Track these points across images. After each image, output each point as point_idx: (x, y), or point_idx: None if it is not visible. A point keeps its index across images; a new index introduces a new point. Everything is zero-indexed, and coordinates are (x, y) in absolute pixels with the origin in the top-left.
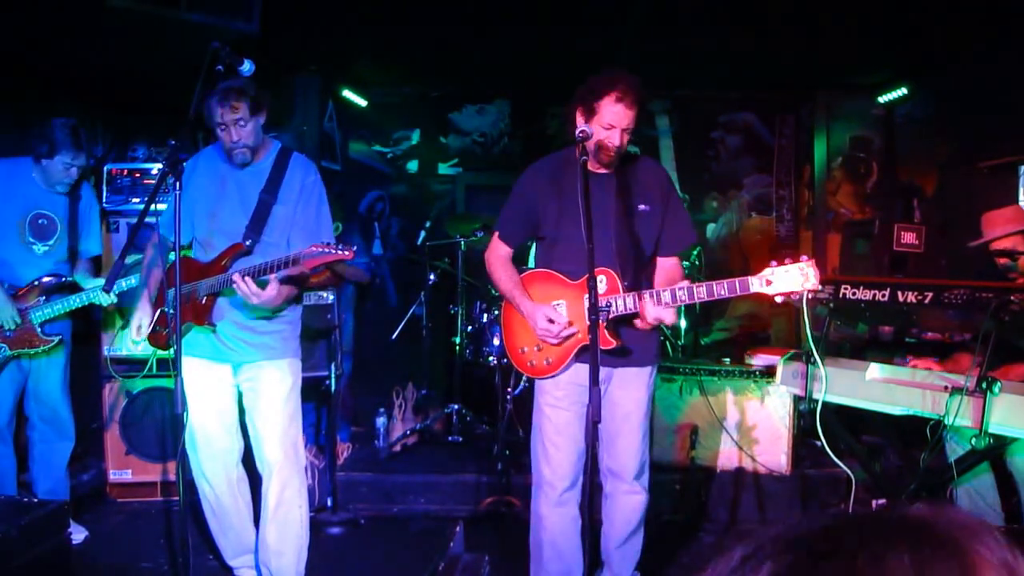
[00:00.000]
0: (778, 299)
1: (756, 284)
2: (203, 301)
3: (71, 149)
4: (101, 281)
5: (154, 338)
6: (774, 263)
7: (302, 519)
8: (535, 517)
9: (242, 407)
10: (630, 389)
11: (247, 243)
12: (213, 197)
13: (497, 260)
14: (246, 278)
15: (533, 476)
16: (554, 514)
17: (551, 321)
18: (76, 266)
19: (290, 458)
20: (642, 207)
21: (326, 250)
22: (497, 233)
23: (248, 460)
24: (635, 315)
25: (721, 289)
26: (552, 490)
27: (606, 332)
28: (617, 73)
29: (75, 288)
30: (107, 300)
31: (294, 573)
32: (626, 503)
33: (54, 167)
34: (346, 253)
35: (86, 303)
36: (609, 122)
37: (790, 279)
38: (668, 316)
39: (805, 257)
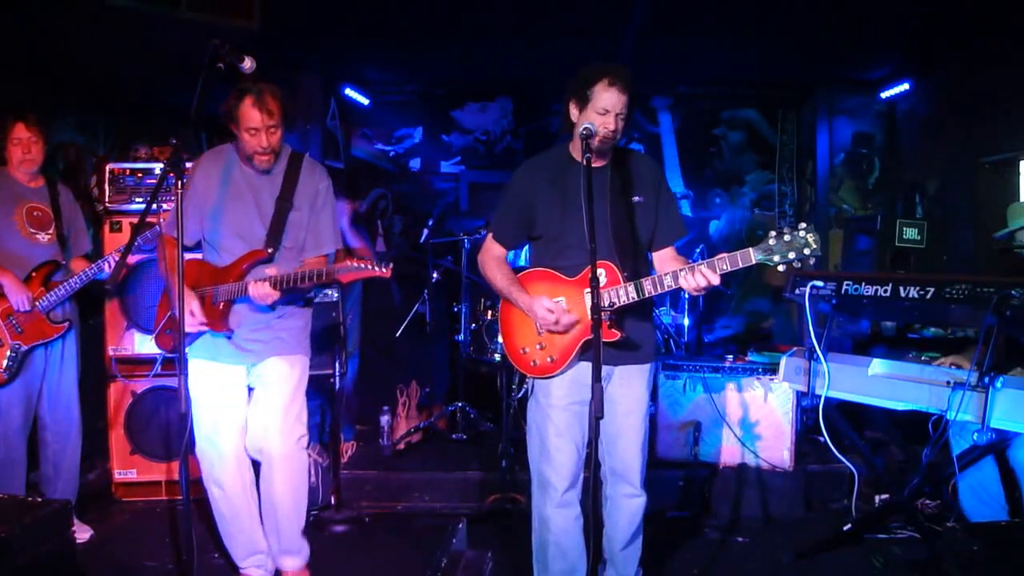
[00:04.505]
0: (780, 268)
1: (758, 255)
2: (219, 306)
3: (17, 121)
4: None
5: (162, 340)
6: (773, 232)
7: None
8: (538, 518)
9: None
10: (631, 387)
11: (269, 251)
12: (225, 199)
13: (492, 260)
14: (263, 283)
15: (534, 478)
16: (558, 515)
17: (550, 310)
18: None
19: (299, 449)
20: (637, 199)
21: (362, 266)
22: (492, 234)
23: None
24: (638, 305)
25: (723, 264)
26: (555, 491)
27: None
28: (606, 63)
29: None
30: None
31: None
32: (628, 506)
33: (13, 148)
34: (383, 271)
35: (87, 282)
36: (603, 107)
37: (791, 247)
38: (713, 278)
39: (803, 224)
